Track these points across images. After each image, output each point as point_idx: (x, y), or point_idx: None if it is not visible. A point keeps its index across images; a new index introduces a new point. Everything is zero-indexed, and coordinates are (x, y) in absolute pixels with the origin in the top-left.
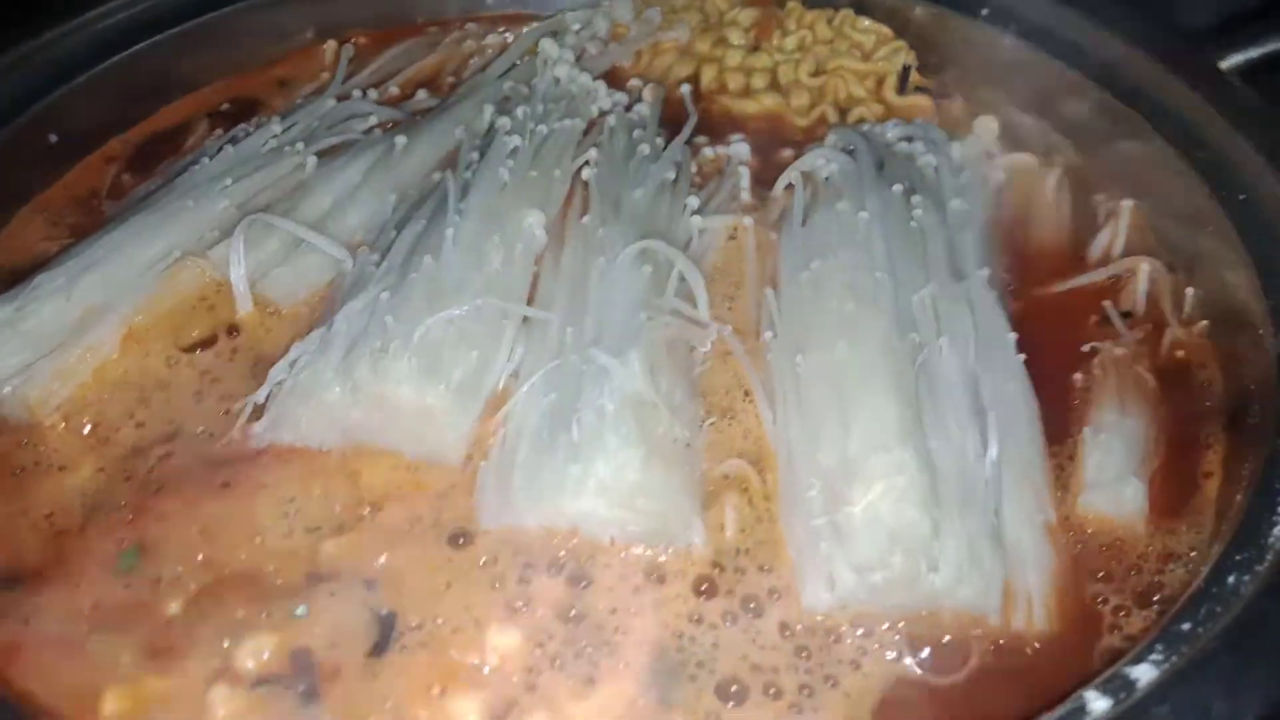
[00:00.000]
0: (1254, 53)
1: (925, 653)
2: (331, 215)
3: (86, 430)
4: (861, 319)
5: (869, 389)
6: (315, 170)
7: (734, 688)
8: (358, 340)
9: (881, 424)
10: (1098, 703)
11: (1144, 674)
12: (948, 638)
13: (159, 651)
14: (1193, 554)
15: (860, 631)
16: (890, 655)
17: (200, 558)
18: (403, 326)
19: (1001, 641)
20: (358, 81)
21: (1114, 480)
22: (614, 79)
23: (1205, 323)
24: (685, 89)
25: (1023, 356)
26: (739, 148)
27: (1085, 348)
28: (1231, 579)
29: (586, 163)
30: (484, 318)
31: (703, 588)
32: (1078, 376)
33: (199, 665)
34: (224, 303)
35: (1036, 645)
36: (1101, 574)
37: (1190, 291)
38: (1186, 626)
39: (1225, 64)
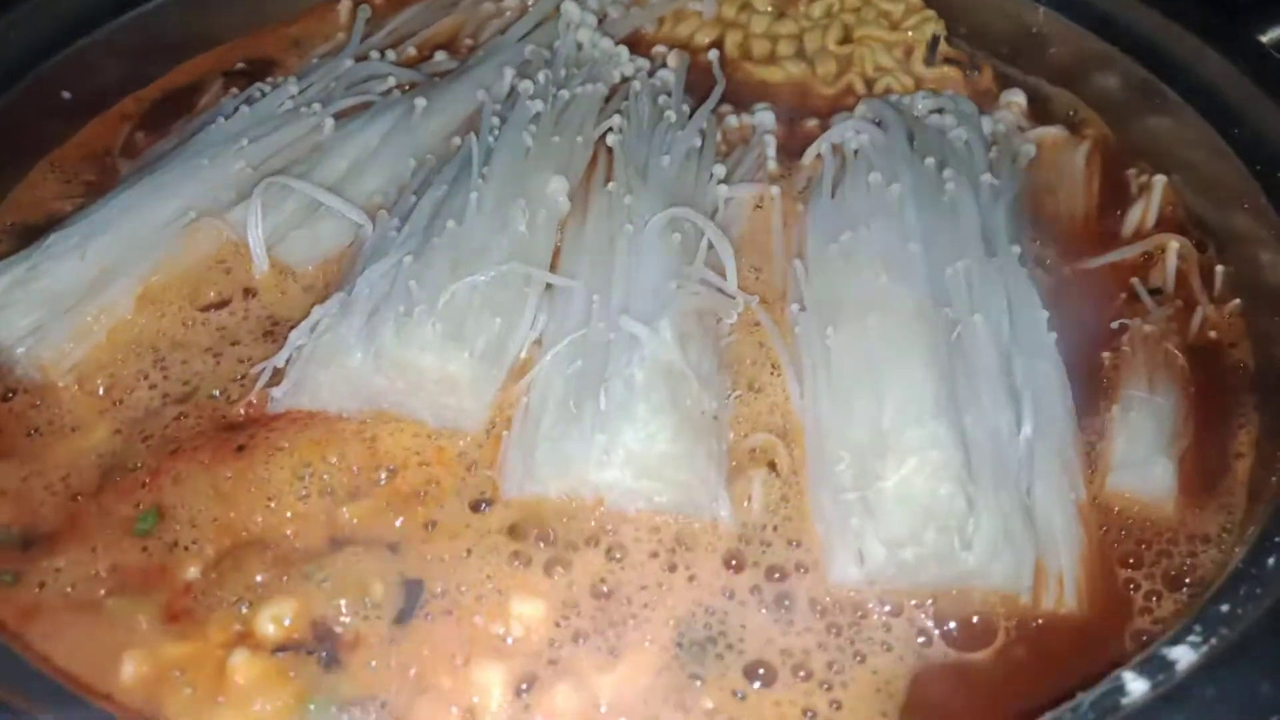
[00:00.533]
0: None
1: (953, 630)
2: (349, 178)
3: (101, 391)
4: (895, 291)
5: (903, 362)
6: (332, 132)
7: (760, 665)
8: (380, 305)
9: (916, 397)
10: (1135, 684)
11: (1183, 655)
12: (976, 616)
13: (178, 615)
14: (1224, 536)
15: (888, 609)
16: (918, 632)
17: (217, 521)
18: (427, 292)
19: (1031, 620)
20: (374, 42)
21: (1143, 460)
22: (636, 44)
23: (1237, 301)
24: (713, 54)
25: (1054, 335)
26: (764, 116)
27: (1114, 324)
28: (1271, 560)
29: (610, 129)
30: (508, 284)
31: (730, 562)
32: (1106, 354)
33: (219, 630)
34: (240, 265)
35: (1066, 625)
36: (1131, 555)
37: (1221, 269)
38: (1225, 608)
39: (1265, 37)
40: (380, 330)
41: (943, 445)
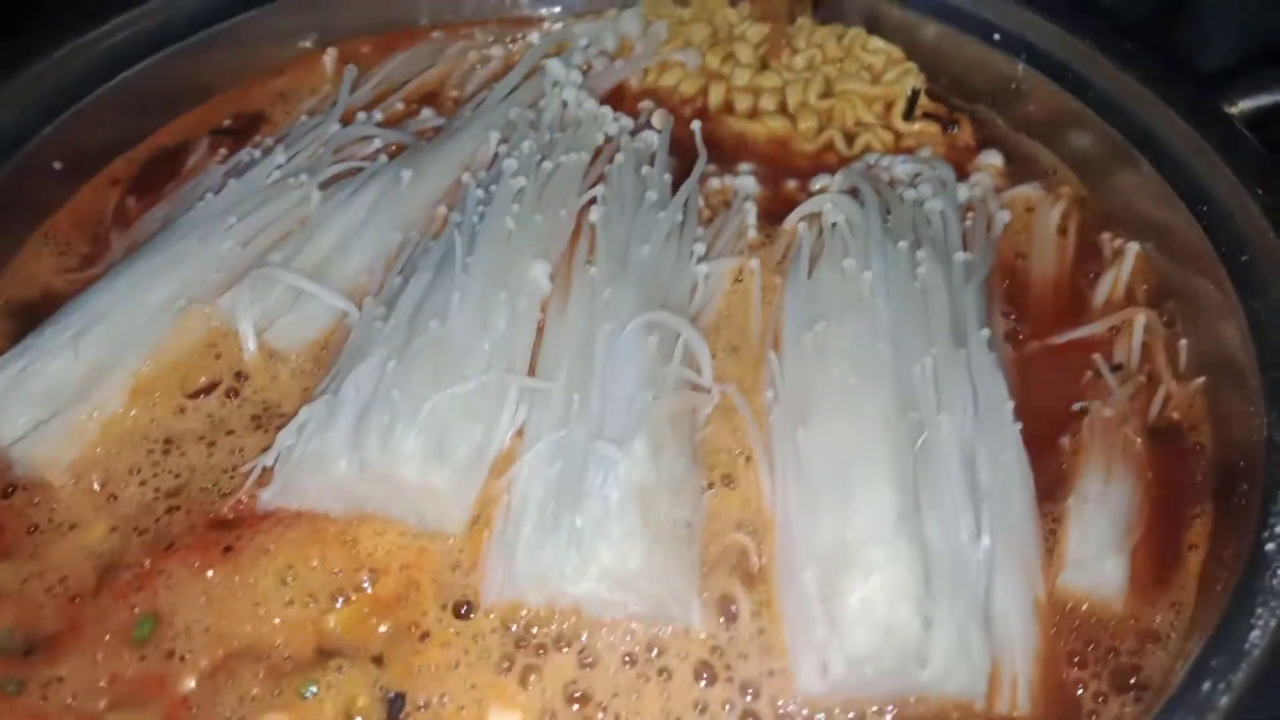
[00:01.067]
0: (1266, 100)
1: None
2: (335, 257)
3: (97, 487)
4: (862, 395)
5: (868, 473)
6: (319, 206)
7: None
8: (366, 412)
9: (879, 512)
10: None
11: None
12: None
13: None
14: (1171, 635)
15: (851, 715)
16: None
17: (210, 630)
18: (409, 402)
19: None
20: (360, 96)
21: (1094, 557)
22: (620, 97)
23: (1202, 380)
24: (696, 125)
25: (1019, 425)
26: (745, 181)
27: (1075, 407)
28: (1206, 685)
29: (594, 199)
30: (489, 389)
31: (700, 668)
32: (1066, 439)
33: None
34: (230, 349)
35: None
36: (1079, 654)
37: (1185, 344)
38: None
39: (1239, 107)
40: (365, 441)
41: (903, 563)
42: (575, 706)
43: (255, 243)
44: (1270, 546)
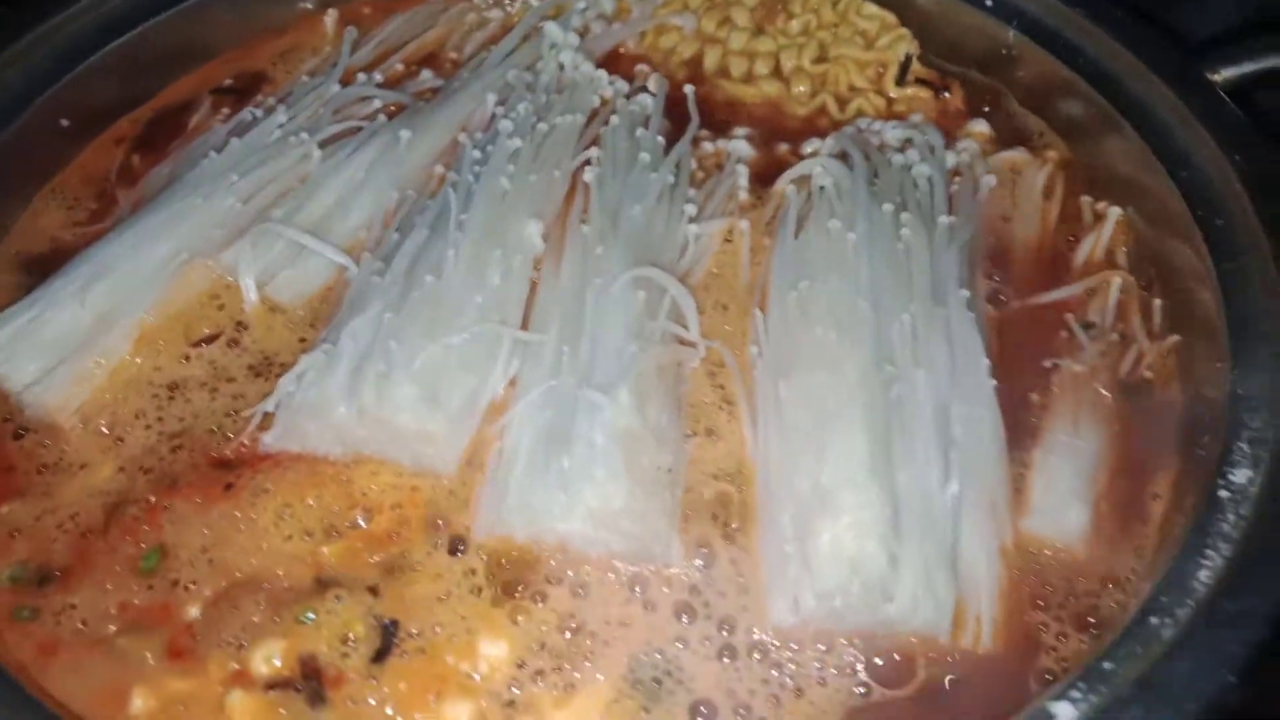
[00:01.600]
0: (1249, 67)
1: (880, 666)
2: (335, 213)
3: (105, 430)
4: (842, 350)
5: (844, 421)
6: (319, 164)
7: (703, 703)
8: (363, 361)
9: (853, 458)
10: None
11: (1063, 713)
12: (899, 654)
13: (181, 653)
14: (1132, 579)
15: (822, 647)
16: (849, 670)
17: (213, 562)
18: (405, 352)
19: (948, 658)
20: (360, 57)
21: (1058, 505)
22: (617, 61)
23: (1175, 338)
24: (689, 89)
25: (993, 382)
26: (738, 144)
27: (1048, 363)
28: (1154, 620)
29: (588, 161)
30: (482, 340)
31: (680, 602)
32: (1035, 395)
33: (218, 668)
34: (233, 300)
35: (981, 662)
36: (1042, 596)
37: (1159, 304)
38: (1109, 665)
39: (1223, 75)
40: (362, 388)
41: (873, 506)
42: (566, 635)
43: (257, 199)
44: (1224, 493)
